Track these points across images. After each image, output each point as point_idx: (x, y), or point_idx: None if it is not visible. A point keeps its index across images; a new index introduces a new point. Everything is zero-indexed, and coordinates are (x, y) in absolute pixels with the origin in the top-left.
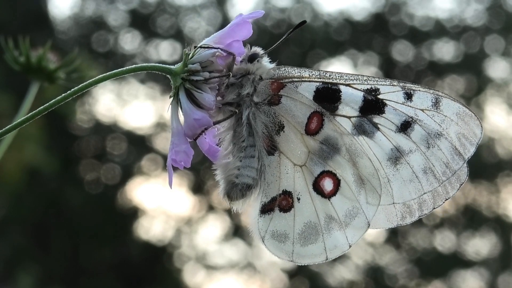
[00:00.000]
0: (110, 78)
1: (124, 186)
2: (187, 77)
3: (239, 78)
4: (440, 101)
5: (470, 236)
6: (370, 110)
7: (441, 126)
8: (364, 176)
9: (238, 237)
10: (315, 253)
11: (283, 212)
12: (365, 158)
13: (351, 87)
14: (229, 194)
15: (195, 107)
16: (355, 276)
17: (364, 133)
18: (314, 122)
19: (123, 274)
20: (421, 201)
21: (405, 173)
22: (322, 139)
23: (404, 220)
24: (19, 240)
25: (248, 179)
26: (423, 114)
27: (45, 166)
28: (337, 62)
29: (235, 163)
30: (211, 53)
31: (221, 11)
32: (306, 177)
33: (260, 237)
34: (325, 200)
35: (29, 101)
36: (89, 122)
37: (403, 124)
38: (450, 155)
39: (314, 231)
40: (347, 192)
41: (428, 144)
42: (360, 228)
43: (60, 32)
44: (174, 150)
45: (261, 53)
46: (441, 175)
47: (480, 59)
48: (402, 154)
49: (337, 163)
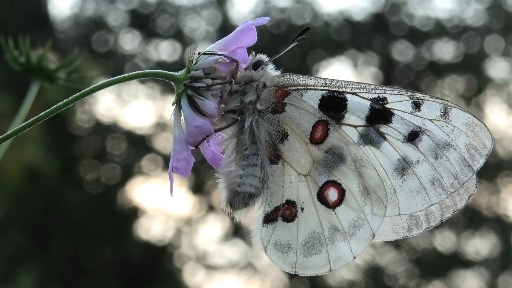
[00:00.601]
0: (113, 84)
1: (124, 186)
2: (189, 83)
3: (242, 85)
4: (449, 111)
5: (470, 236)
6: (377, 120)
7: (449, 136)
8: (370, 186)
9: (238, 237)
10: (319, 264)
11: (287, 222)
12: (371, 168)
13: (358, 96)
14: (231, 203)
15: (197, 114)
16: (355, 276)
17: (370, 142)
18: (319, 131)
19: (123, 274)
20: (429, 212)
21: (412, 184)
22: (327, 148)
23: (411, 232)
24: (19, 240)
25: (250, 188)
26: (431, 124)
27: (45, 166)
28: (337, 62)
29: (237, 172)
30: (214, 59)
31: (221, 11)
32: (311, 186)
33: (262, 247)
34: (329, 211)
35: (29, 101)
36: (89, 122)
37: (410, 134)
38: (459, 166)
39: (318, 241)
40: (352, 203)
41: (436, 155)
42: (365, 239)
43: (60, 32)
44: (175, 157)
45: (265, 61)
46: (449, 186)
47: (480, 59)
48: (409, 164)
49: (342, 173)
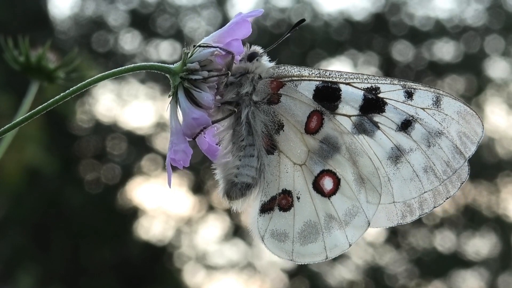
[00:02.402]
0: (109, 77)
1: (124, 186)
2: (186, 76)
3: (238, 77)
4: (441, 99)
5: (470, 236)
6: (371, 109)
7: (441, 124)
8: (364, 175)
9: (238, 237)
10: (315, 252)
11: (283, 211)
12: (365, 157)
13: (351, 86)
14: (228, 193)
15: (193, 106)
16: (355, 276)
17: (364, 132)
18: (314, 121)
19: (123, 274)
20: (422, 200)
21: (406, 172)
22: (322, 138)
23: (405, 219)
24: (19, 240)
25: (247, 178)
26: (423, 112)
27: (45, 166)
28: (337, 62)
29: (234, 162)
30: (210, 52)
31: (221, 11)
32: (306, 176)
33: (259, 236)
34: (325, 199)
35: (29, 101)
36: (89, 122)
37: (403, 123)
38: (451, 153)
39: (314, 230)
40: (347, 191)
41: (428, 142)
42: (360, 227)
43: (60, 32)
44: (173, 149)
45: (260, 52)
46: (442, 173)
47: (480, 59)
48: (402, 153)
49: (337, 162)
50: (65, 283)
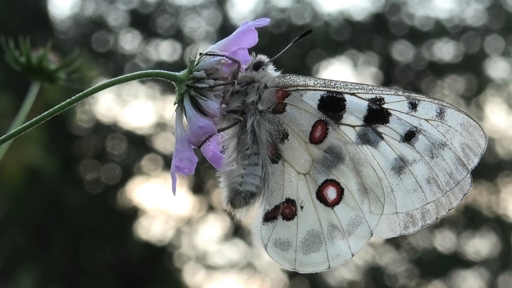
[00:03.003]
0: (115, 84)
1: (124, 186)
2: (192, 84)
3: (244, 86)
4: (445, 111)
5: (470, 236)
6: (375, 120)
7: (445, 136)
8: (368, 185)
9: (238, 237)
10: (318, 262)
11: (286, 220)
12: (369, 167)
13: (356, 96)
14: (232, 201)
15: (199, 114)
16: (355, 276)
17: (368, 142)
18: (318, 131)
19: (123, 274)
20: (424, 211)
21: (409, 182)
22: (326, 148)
23: (407, 230)
24: (19, 240)
25: (251, 187)
26: (427, 124)
27: (45, 166)
28: (337, 62)
29: (239, 171)
30: (217, 60)
31: (221, 11)
32: (310, 185)
33: (262, 245)
34: (328, 209)
35: (30, 102)
36: (89, 122)
37: (407, 134)
38: (454, 165)
39: (317, 239)
40: (350, 201)
41: (432, 154)
42: (363, 237)
43: (60, 32)
44: (178, 157)
45: (266, 61)
46: (445, 185)
47: (480, 59)
48: (406, 163)
49: (341, 172)
50: (65, 283)
